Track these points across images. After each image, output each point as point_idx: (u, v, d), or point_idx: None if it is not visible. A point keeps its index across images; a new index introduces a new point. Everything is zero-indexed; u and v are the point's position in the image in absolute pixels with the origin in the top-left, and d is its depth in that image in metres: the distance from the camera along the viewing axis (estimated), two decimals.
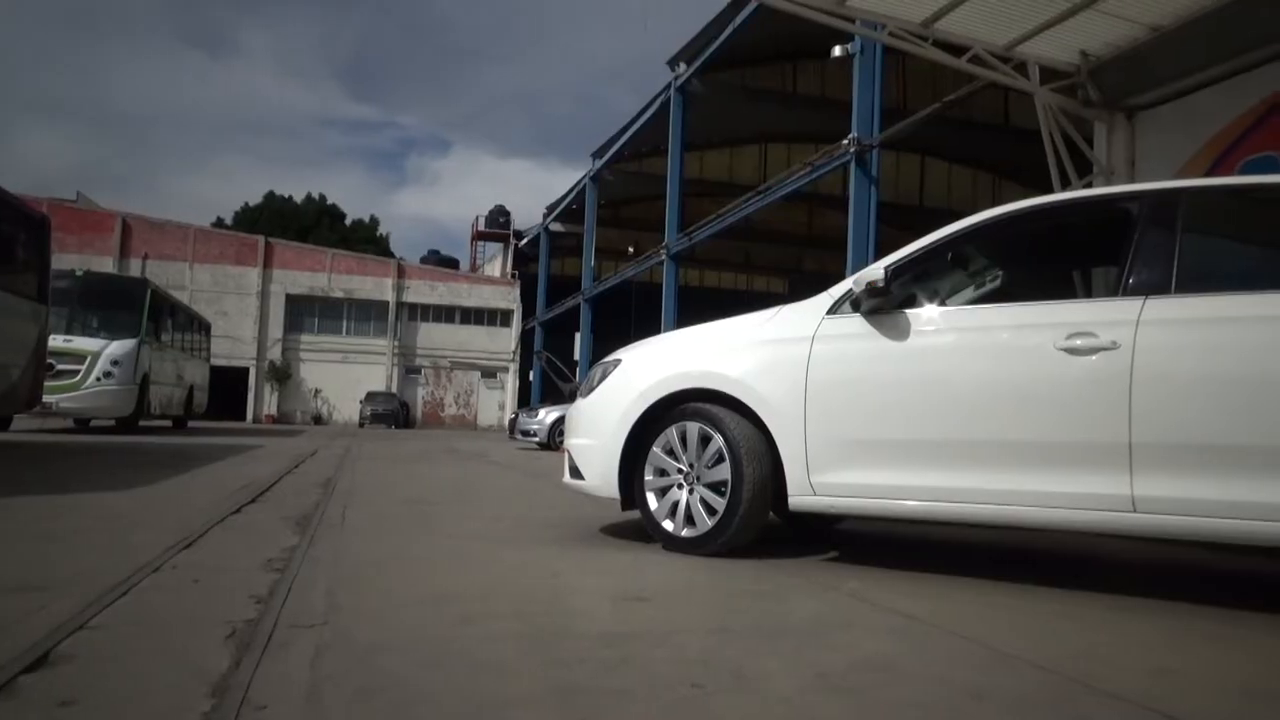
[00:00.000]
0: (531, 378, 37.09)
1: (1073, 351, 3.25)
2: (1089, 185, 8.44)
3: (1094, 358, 3.21)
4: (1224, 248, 3.60)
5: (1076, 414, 3.23)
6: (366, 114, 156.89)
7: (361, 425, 35.74)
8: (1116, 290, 3.36)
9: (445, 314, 43.24)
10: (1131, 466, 3.10)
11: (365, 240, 54.89)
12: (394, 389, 40.80)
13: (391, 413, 36.81)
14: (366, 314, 42.03)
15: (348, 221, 58.66)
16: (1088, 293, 4.82)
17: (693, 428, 3.91)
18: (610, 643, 2.36)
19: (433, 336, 42.87)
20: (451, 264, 49.77)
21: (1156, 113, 8.13)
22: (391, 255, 49.12)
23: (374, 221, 61.11)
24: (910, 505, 3.51)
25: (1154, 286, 3.25)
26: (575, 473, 4.33)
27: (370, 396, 38.04)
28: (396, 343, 42.00)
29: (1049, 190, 7.99)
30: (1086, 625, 2.84)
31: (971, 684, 2.10)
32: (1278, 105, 6.99)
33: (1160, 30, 7.54)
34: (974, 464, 3.38)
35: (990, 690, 2.06)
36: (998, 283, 4.32)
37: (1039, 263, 4.59)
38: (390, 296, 41.91)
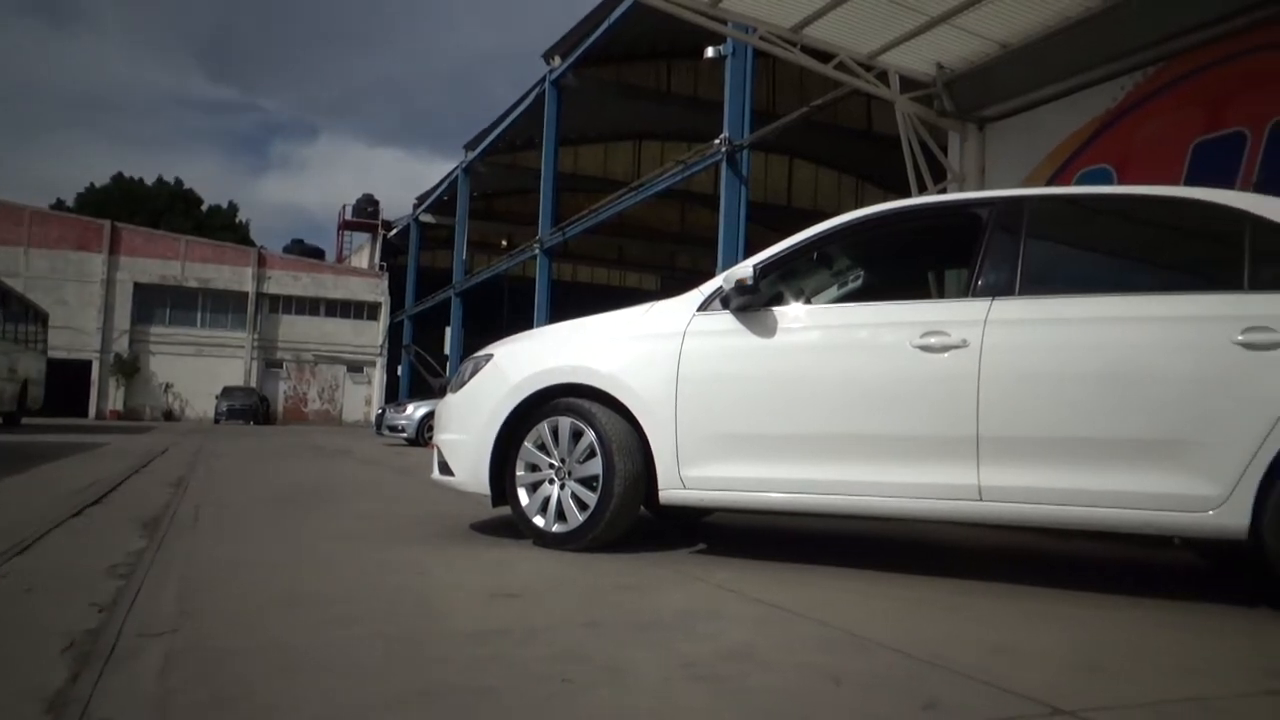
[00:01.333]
0: (400, 372, 36.17)
1: (927, 349, 3.42)
2: (944, 191, 8.87)
3: (946, 355, 3.39)
4: (1062, 252, 3.86)
5: (930, 408, 3.41)
6: (227, 95, 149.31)
7: (217, 421, 34.05)
8: (967, 291, 3.56)
9: (309, 306, 41.62)
10: (978, 458, 3.30)
11: (223, 227, 52.12)
12: (253, 383, 39.03)
13: (249, 408, 35.22)
14: (224, 305, 40.00)
15: (204, 207, 55.59)
16: (941, 293, 5.09)
17: (565, 423, 3.90)
18: (479, 640, 2.33)
19: (296, 329, 41.19)
20: (317, 254, 47.92)
21: (1004, 125, 8.62)
22: (252, 244, 46.93)
23: (233, 208, 58.15)
24: (776, 497, 3.62)
25: (1000, 288, 3.47)
26: (445, 468, 4.26)
27: (227, 391, 36.26)
28: (256, 335, 40.16)
29: (907, 194, 8.37)
30: (937, 608, 2.99)
31: (831, 668, 2.18)
32: (1110, 122, 7.55)
33: (1008, 48, 8.00)
34: (836, 457, 3.52)
35: (848, 674, 2.14)
36: (859, 282, 4.51)
37: (897, 264, 4.81)
38: (250, 287, 40.00)
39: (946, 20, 7.55)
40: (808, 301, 4.03)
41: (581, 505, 3.82)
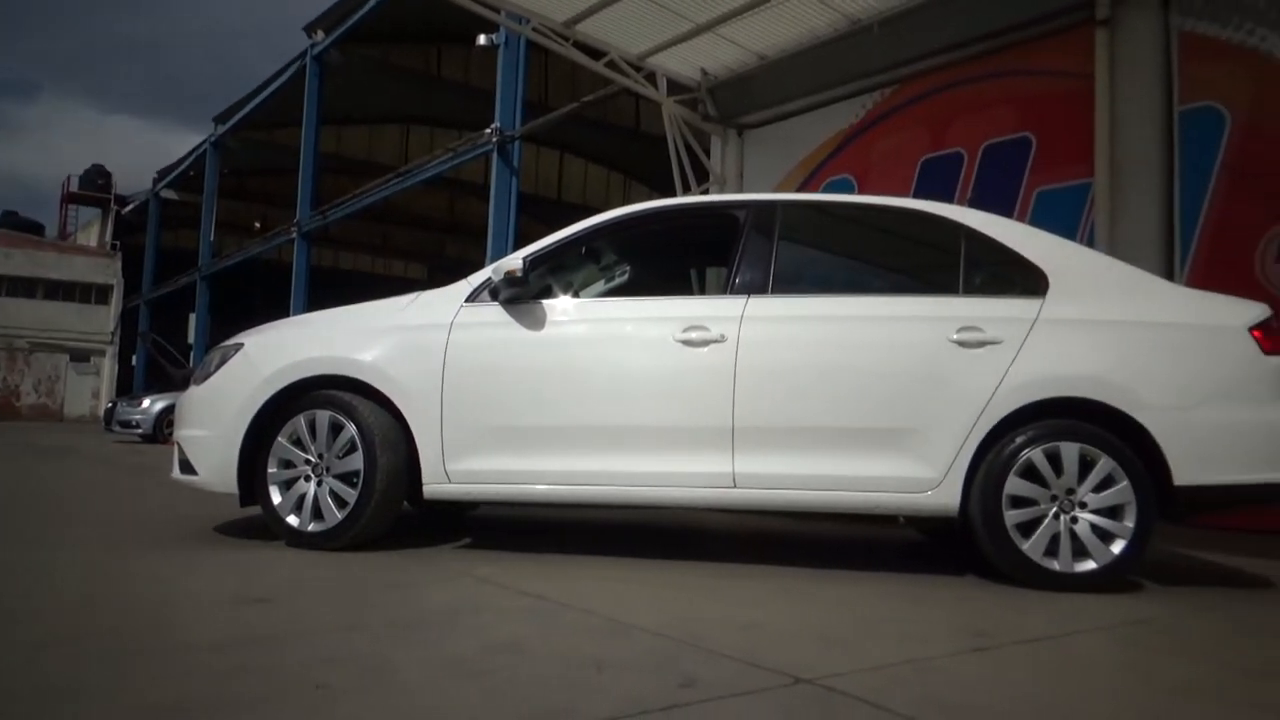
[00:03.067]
0: (135, 362, 32.93)
1: (688, 343, 3.58)
2: (706, 192, 9.29)
3: (705, 349, 3.56)
4: (810, 254, 4.16)
5: (690, 400, 3.57)
6: None
7: None
8: (726, 289, 3.76)
9: (24, 287, 36.80)
10: (733, 447, 3.50)
11: None
12: None
13: None
14: None
15: None
16: (703, 290, 5.33)
17: (323, 416, 3.72)
18: (226, 650, 2.18)
19: (8, 312, 36.29)
20: (35, 229, 42.53)
21: (762, 132, 9.15)
22: None
23: None
24: (542, 490, 3.65)
25: (756, 286, 3.69)
26: (187, 467, 3.93)
27: None
28: None
29: (673, 193, 8.68)
30: (694, 592, 3.14)
31: (594, 655, 2.23)
32: (853, 135, 8.22)
33: (766, 59, 8.50)
34: (602, 448, 3.60)
35: (611, 659, 2.20)
36: (626, 277, 4.63)
37: (662, 260, 4.98)
38: None
39: (711, 29, 7.90)
40: (576, 295, 4.08)
41: (340, 502, 3.65)
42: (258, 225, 29.49)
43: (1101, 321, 3.52)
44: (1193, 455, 3.34)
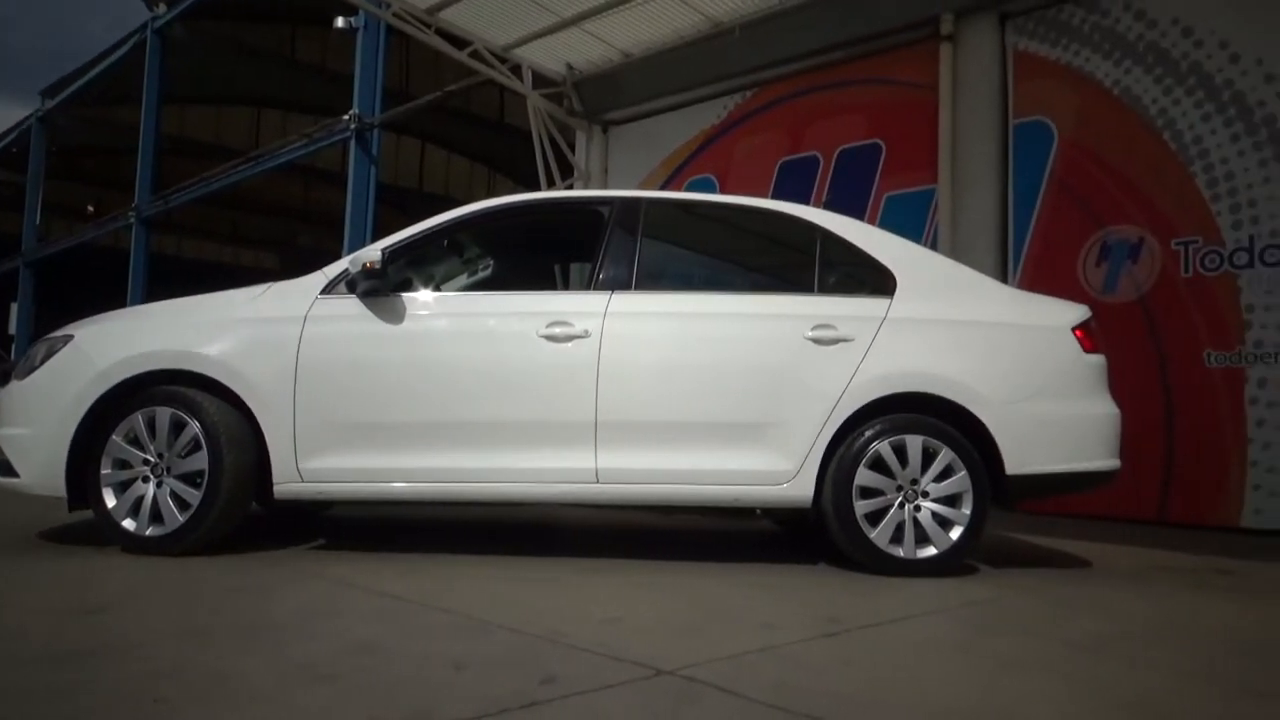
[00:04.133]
0: None
1: (552, 339, 3.57)
2: (570, 187, 9.28)
3: (569, 345, 3.57)
4: (673, 251, 4.22)
5: (554, 396, 3.57)
6: None
7: None
8: (589, 284, 3.77)
9: None
10: (596, 442, 3.52)
11: None
12: None
13: None
14: None
15: None
16: (567, 285, 5.33)
17: (164, 413, 3.51)
18: (55, 665, 2.03)
19: None
20: None
21: (626, 129, 9.22)
22: None
23: None
24: (401, 487, 3.56)
25: (619, 282, 3.72)
26: (6, 469, 3.62)
27: None
28: None
29: (537, 188, 8.64)
30: (557, 587, 3.14)
31: (453, 655, 2.19)
32: (714, 136, 8.39)
33: (631, 57, 8.56)
34: (464, 445, 3.55)
35: (470, 658, 2.17)
36: (489, 271, 4.57)
37: (526, 254, 4.94)
38: None
39: (577, 24, 7.90)
40: (438, 289, 4.00)
41: (183, 504, 3.46)
42: (91, 209, 27.49)
43: (943, 321, 3.72)
44: (1023, 446, 3.59)
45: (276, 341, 3.57)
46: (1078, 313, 3.85)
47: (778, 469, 3.55)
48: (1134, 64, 5.95)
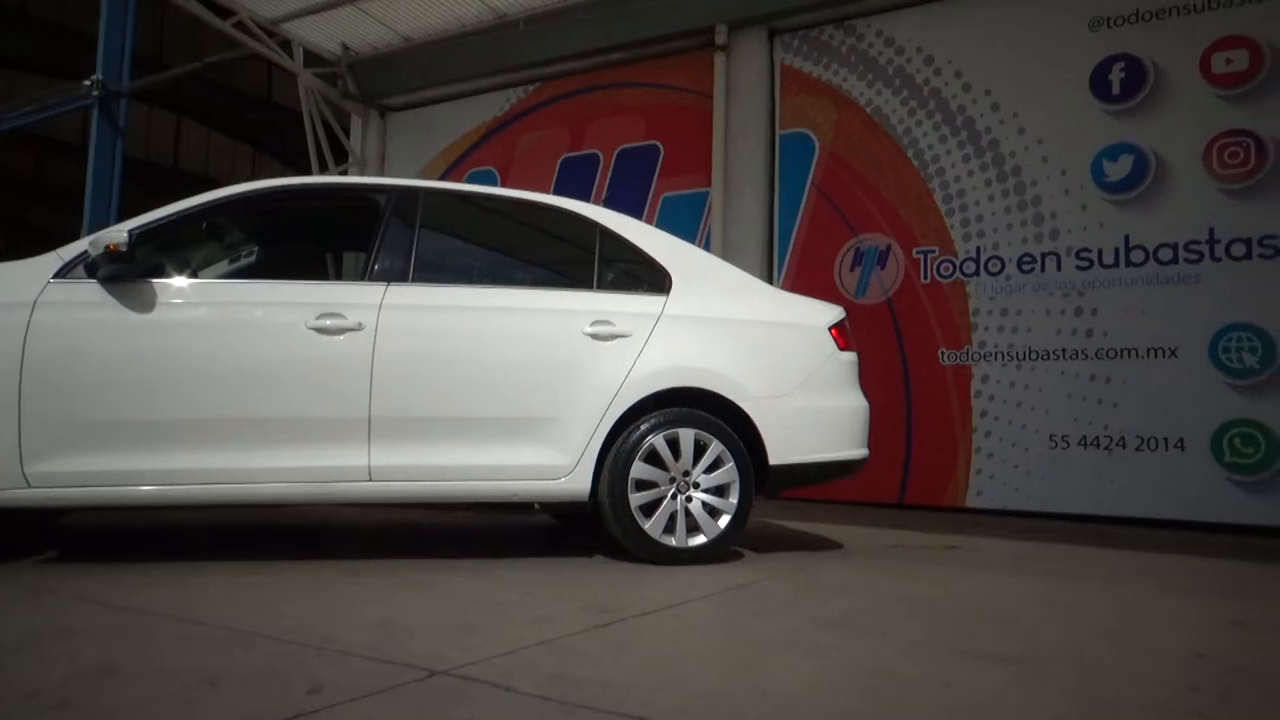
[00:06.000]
0: None
1: (323, 331, 3.41)
2: (345, 173, 8.89)
3: (342, 338, 3.42)
4: (452, 244, 4.14)
5: (324, 391, 3.40)
6: None
7: None
8: (364, 275, 3.63)
9: None
10: (370, 439, 3.39)
11: None
12: None
13: None
14: None
15: None
16: (339, 275, 5.10)
17: None
18: None
19: None
20: None
21: (406, 115, 8.95)
22: None
23: None
24: (150, 491, 3.27)
25: (396, 274, 3.61)
26: None
27: None
28: None
29: (308, 171, 8.20)
30: (324, 591, 3.00)
31: (207, 670, 2.05)
32: (496, 128, 8.32)
33: (411, 42, 8.32)
34: (222, 443, 3.31)
35: (226, 673, 2.04)
36: (254, 259, 4.29)
37: (295, 242, 4.69)
38: None
39: (353, 2, 7.57)
40: (194, 275, 3.71)
41: None
42: None
43: (715, 319, 3.90)
44: (784, 438, 3.83)
45: None
46: (834, 313, 4.16)
47: (556, 463, 3.58)
48: (884, 86, 6.50)
